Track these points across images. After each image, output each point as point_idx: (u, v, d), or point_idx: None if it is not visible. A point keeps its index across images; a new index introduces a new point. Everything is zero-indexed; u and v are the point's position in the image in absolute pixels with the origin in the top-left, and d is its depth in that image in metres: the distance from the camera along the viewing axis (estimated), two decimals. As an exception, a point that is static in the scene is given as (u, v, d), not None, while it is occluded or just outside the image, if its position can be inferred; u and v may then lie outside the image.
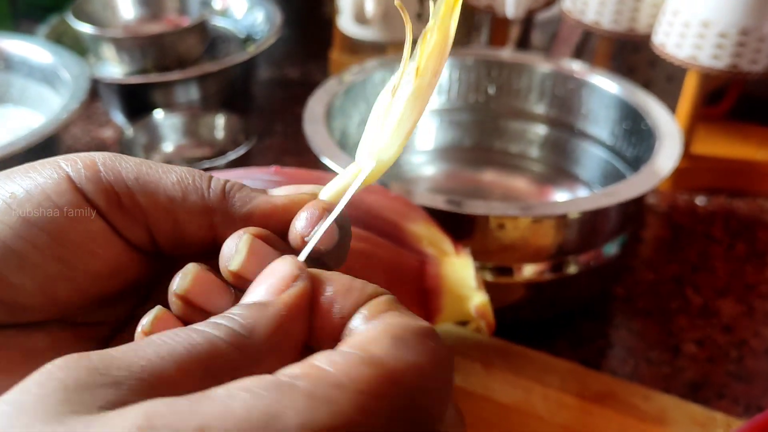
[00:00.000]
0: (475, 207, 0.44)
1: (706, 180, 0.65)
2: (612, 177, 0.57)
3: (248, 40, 0.74)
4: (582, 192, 0.60)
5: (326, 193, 0.22)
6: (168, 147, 0.66)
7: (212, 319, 0.18)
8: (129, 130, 0.64)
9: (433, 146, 0.63)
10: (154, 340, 0.17)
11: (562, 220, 0.45)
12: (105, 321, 0.22)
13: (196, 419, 0.14)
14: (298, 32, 0.91)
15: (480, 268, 0.47)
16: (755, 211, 0.64)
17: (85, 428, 0.14)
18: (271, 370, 0.17)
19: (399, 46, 0.70)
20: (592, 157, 0.59)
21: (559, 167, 0.61)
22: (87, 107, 0.73)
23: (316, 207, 0.21)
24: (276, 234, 0.21)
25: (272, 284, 0.19)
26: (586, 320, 0.53)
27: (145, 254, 0.22)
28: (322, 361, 0.16)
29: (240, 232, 0.20)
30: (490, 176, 0.62)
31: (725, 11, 0.55)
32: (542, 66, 0.60)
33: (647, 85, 0.72)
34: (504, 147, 0.63)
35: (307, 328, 0.19)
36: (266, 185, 0.29)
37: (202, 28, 0.69)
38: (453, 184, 0.62)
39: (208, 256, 0.21)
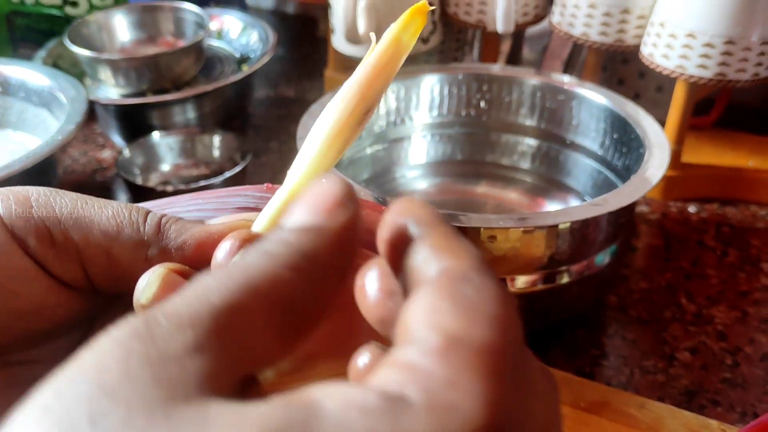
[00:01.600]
0: (466, 219, 0.44)
1: (697, 188, 0.66)
2: (603, 187, 0.57)
3: (243, 59, 0.75)
4: (574, 202, 0.60)
5: (260, 221, 0.22)
6: (165, 167, 0.66)
7: (268, 247, 0.17)
8: (126, 151, 0.65)
9: (425, 160, 0.64)
10: (212, 285, 0.16)
11: (552, 230, 0.46)
12: (41, 359, 0.21)
13: None
14: (292, 51, 0.92)
15: (473, 280, 0.47)
16: (747, 218, 0.64)
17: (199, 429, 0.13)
18: (330, 294, 0.17)
19: (391, 62, 0.71)
20: (583, 168, 0.60)
21: (551, 179, 0.62)
22: (85, 129, 0.74)
23: (237, 237, 0.20)
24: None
25: (323, 205, 0.18)
26: (580, 329, 0.53)
27: (80, 291, 0.21)
28: (412, 359, 0.15)
29: (156, 266, 0.20)
30: (483, 189, 0.63)
31: (711, 22, 0.56)
32: (532, 79, 0.61)
33: (637, 95, 0.73)
34: (496, 160, 0.64)
35: (357, 249, 0.18)
36: (259, 202, 0.30)
37: (197, 49, 0.70)
38: (446, 197, 0.62)
39: None
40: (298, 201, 0.18)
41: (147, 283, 0.19)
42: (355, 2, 0.63)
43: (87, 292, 0.21)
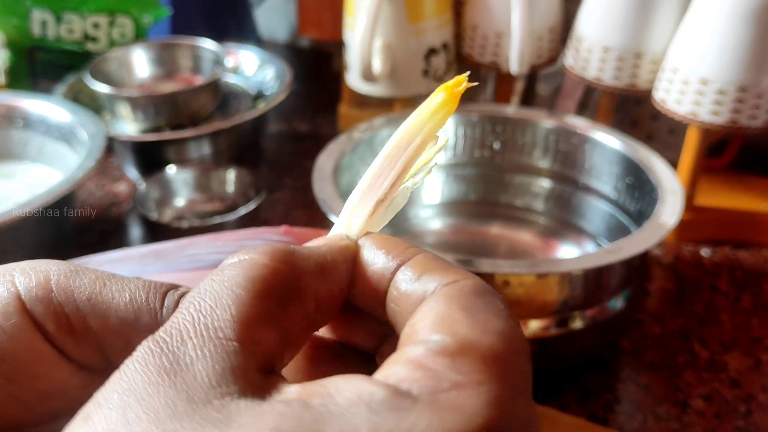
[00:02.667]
0: (480, 264, 0.44)
1: (710, 231, 0.66)
2: (616, 230, 0.58)
3: (259, 96, 0.76)
4: (588, 245, 0.60)
5: None
6: (180, 202, 0.67)
7: (249, 248, 0.19)
8: (142, 185, 0.65)
9: (439, 200, 0.65)
10: (195, 295, 0.17)
11: (566, 276, 0.46)
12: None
13: None
14: (307, 87, 0.93)
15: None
16: (760, 262, 0.64)
17: (222, 429, 0.14)
18: (319, 295, 0.19)
19: (405, 101, 0.72)
20: (596, 211, 0.60)
21: (564, 221, 0.62)
22: (102, 163, 0.75)
23: None
24: None
25: (320, 240, 0.21)
26: (593, 373, 0.53)
27: (103, 371, 0.21)
28: (421, 357, 0.16)
29: None
30: (496, 230, 0.63)
31: (723, 69, 0.57)
32: (546, 122, 0.62)
33: (650, 137, 0.74)
34: (509, 201, 0.64)
35: (350, 279, 0.20)
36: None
37: (214, 86, 0.71)
38: (460, 238, 0.62)
39: None
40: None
41: None
42: (371, 42, 0.64)
43: (110, 371, 0.21)
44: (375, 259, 0.20)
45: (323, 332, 0.22)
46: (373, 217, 0.22)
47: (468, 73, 0.23)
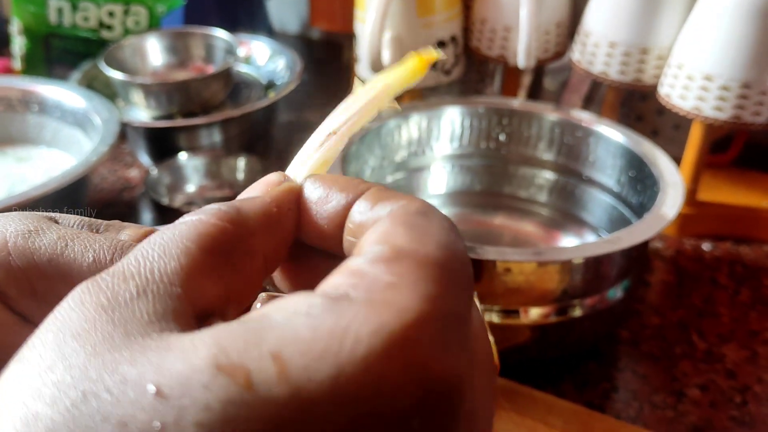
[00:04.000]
0: (482, 252, 0.46)
1: (712, 226, 0.67)
2: (619, 222, 0.59)
3: (270, 86, 0.77)
4: (589, 236, 0.61)
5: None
6: (190, 188, 0.68)
7: (198, 210, 0.19)
8: (154, 171, 0.67)
9: (445, 190, 0.66)
10: (149, 245, 0.17)
11: (566, 265, 0.47)
12: None
13: (267, 346, 0.14)
14: (318, 78, 0.94)
15: (487, 310, 0.49)
16: (761, 257, 0.65)
17: (159, 359, 0.14)
18: (266, 251, 0.19)
19: (414, 92, 0.73)
20: (599, 203, 0.61)
21: (567, 212, 0.63)
22: (115, 148, 0.76)
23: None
24: None
25: (258, 188, 0.21)
26: (591, 362, 0.54)
27: None
28: (360, 265, 0.16)
29: None
30: (500, 220, 0.64)
31: (728, 65, 0.57)
32: (551, 115, 0.62)
33: (655, 132, 0.74)
34: (514, 192, 0.65)
35: (296, 221, 0.20)
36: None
37: (226, 75, 0.72)
38: (464, 228, 0.64)
39: None
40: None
41: None
42: (380, 34, 0.65)
43: None
44: (329, 197, 0.20)
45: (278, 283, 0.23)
46: (316, 161, 0.22)
47: (440, 51, 0.23)
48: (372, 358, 0.14)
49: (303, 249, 0.21)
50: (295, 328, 0.14)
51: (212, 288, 0.17)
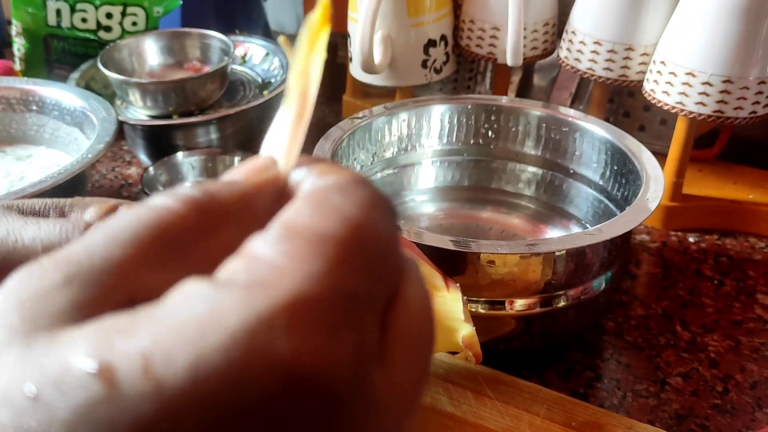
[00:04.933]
0: (465, 244, 0.47)
1: (698, 219, 0.68)
2: (603, 215, 0.60)
3: (265, 84, 0.79)
4: (575, 229, 0.63)
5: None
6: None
7: (170, 191, 0.17)
8: (151, 169, 0.68)
9: (433, 185, 0.67)
10: (101, 228, 0.16)
11: (548, 257, 0.48)
12: None
13: (140, 340, 0.14)
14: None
15: (473, 302, 0.50)
16: (745, 249, 0.66)
17: (44, 356, 0.14)
18: (233, 241, 0.17)
19: (406, 91, 0.75)
20: (584, 197, 0.62)
21: (553, 206, 0.64)
22: (113, 146, 0.78)
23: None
24: None
25: (242, 170, 0.19)
26: (576, 352, 0.55)
27: None
28: (254, 247, 0.15)
29: None
30: (488, 214, 0.65)
31: (710, 61, 0.58)
32: (538, 111, 0.64)
33: (642, 127, 0.76)
34: (501, 187, 0.67)
35: (272, 211, 0.18)
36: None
37: (221, 75, 0.74)
38: (453, 222, 0.65)
39: None
40: None
41: None
42: (371, 34, 0.66)
43: None
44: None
45: None
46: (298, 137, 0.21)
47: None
48: (234, 347, 0.13)
49: None
50: (171, 320, 0.14)
51: (157, 278, 0.16)
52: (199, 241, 0.17)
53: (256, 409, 0.13)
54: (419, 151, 0.66)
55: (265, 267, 0.15)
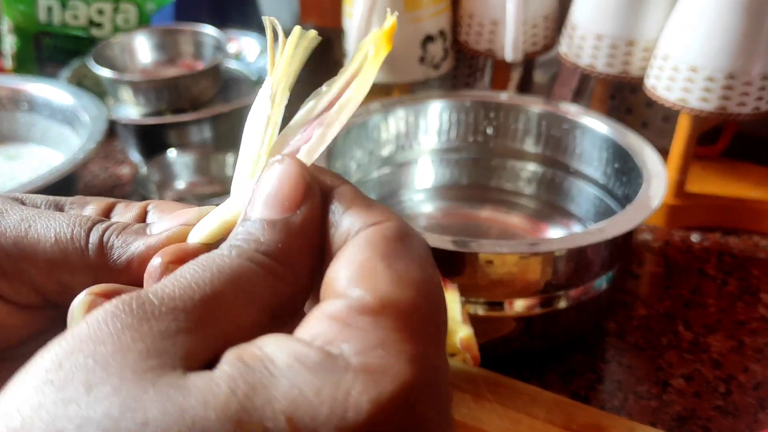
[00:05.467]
0: (464, 244, 0.46)
1: (701, 217, 0.67)
2: (605, 214, 0.59)
3: (259, 82, 0.78)
4: (576, 228, 0.61)
5: (199, 231, 0.21)
6: (180, 184, 0.69)
7: (235, 242, 0.18)
8: (144, 168, 0.67)
9: (432, 184, 0.66)
10: (200, 275, 0.17)
11: (548, 257, 0.47)
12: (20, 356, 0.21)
13: (279, 405, 0.15)
14: (308, 72, 0.94)
15: (471, 303, 0.49)
16: (749, 248, 0.65)
17: (182, 402, 0.14)
18: (290, 287, 0.19)
19: (403, 87, 0.73)
20: (585, 195, 0.61)
21: (554, 204, 0.63)
22: (105, 146, 0.76)
23: (166, 254, 0.20)
24: None
25: (285, 202, 0.19)
26: (577, 354, 0.54)
27: (41, 309, 0.21)
28: (343, 314, 0.17)
29: (83, 293, 0.19)
30: (487, 213, 0.64)
31: (712, 56, 0.57)
32: (537, 108, 0.63)
33: (645, 124, 0.74)
34: (501, 185, 0.65)
35: (320, 242, 0.19)
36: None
37: (215, 72, 0.72)
38: (451, 221, 0.64)
39: None
40: (261, 191, 0.19)
41: (73, 317, 0.19)
42: (368, 29, 0.65)
43: (48, 309, 0.21)
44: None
45: None
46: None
47: (394, 15, 0.21)
48: (371, 426, 0.15)
49: None
50: (301, 388, 0.15)
51: (229, 327, 0.17)
52: (267, 293, 0.18)
53: None
54: (417, 149, 0.65)
55: (372, 345, 0.16)
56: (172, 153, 0.68)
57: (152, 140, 0.70)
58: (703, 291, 0.60)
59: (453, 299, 0.42)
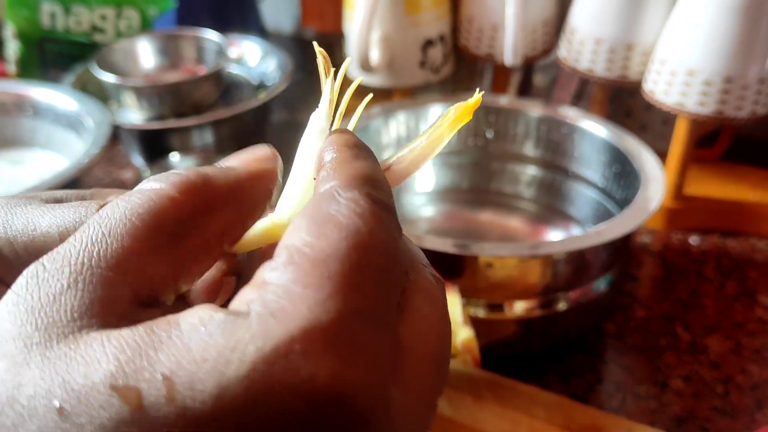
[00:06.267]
0: (463, 247, 0.46)
1: (699, 220, 0.67)
2: (604, 217, 0.59)
3: (261, 86, 0.78)
4: (575, 231, 0.62)
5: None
6: (183, 188, 0.69)
7: (166, 173, 0.18)
8: (147, 172, 0.68)
9: (432, 188, 0.66)
10: (96, 220, 0.17)
11: (547, 259, 0.48)
12: None
13: (161, 366, 0.14)
14: (311, 78, 0.95)
15: (472, 305, 0.49)
16: (747, 250, 0.66)
17: (66, 370, 0.14)
18: (223, 223, 0.18)
19: (403, 91, 0.74)
20: (584, 198, 0.62)
21: (553, 207, 0.64)
22: (109, 150, 0.77)
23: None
24: None
25: (242, 157, 0.20)
26: (577, 355, 0.55)
27: None
28: (264, 274, 0.16)
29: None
30: (487, 216, 0.65)
31: (710, 60, 0.58)
32: (537, 112, 0.63)
33: (643, 128, 0.75)
34: (501, 188, 0.66)
35: (267, 201, 0.19)
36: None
37: (217, 76, 0.73)
38: (452, 224, 0.64)
39: None
40: None
41: None
42: (368, 34, 0.66)
43: None
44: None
45: None
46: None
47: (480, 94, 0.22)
48: (254, 375, 0.14)
49: None
50: (189, 346, 0.14)
51: (157, 268, 0.17)
52: (194, 226, 0.17)
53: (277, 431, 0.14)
54: (417, 152, 0.65)
55: (275, 295, 0.15)
56: (174, 157, 0.69)
57: (155, 144, 0.71)
58: (702, 293, 0.61)
59: (453, 302, 0.43)
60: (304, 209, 0.17)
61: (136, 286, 0.16)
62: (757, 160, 0.73)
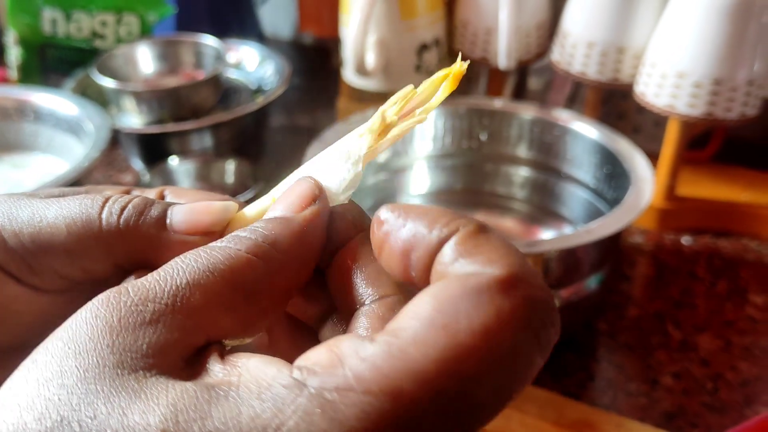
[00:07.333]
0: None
1: (691, 220, 0.68)
2: (595, 217, 0.60)
3: (259, 90, 0.79)
4: (567, 231, 0.63)
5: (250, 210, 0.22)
6: (182, 191, 0.70)
7: (235, 233, 0.19)
8: (146, 176, 0.69)
9: (426, 189, 0.67)
10: (179, 266, 0.18)
11: (538, 258, 0.48)
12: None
13: (211, 425, 0.15)
14: (309, 82, 0.96)
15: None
16: (738, 250, 0.66)
17: (127, 405, 0.15)
18: (291, 279, 0.19)
19: (399, 95, 0.75)
20: (576, 199, 0.63)
21: (546, 208, 0.65)
22: (108, 154, 0.78)
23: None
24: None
25: (290, 199, 0.20)
26: (569, 353, 0.55)
27: (78, 289, 0.21)
28: (345, 348, 0.15)
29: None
30: (481, 217, 0.66)
31: (699, 63, 0.59)
32: (530, 114, 0.64)
33: (636, 130, 0.76)
34: (494, 189, 0.67)
35: (323, 242, 0.20)
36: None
37: (215, 81, 0.74)
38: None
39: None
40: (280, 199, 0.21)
41: None
42: (364, 38, 0.67)
43: (83, 286, 0.22)
44: (410, 231, 0.18)
45: None
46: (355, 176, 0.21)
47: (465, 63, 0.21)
48: None
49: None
50: (241, 410, 0.15)
51: (229, 323, 0.18)
52: (266, 288, 0.18)
53: None
54: (412, 154, 0.66)
55: (337, 382, 0.15)
56: (173, 161, 0.70)
57: (154, 148, 0.72)
58: (693, 292, 0.62)
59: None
60: (433, 296, 0.16)
61: (207, 337, 0.17)
62: (749, 162, 0.73)
